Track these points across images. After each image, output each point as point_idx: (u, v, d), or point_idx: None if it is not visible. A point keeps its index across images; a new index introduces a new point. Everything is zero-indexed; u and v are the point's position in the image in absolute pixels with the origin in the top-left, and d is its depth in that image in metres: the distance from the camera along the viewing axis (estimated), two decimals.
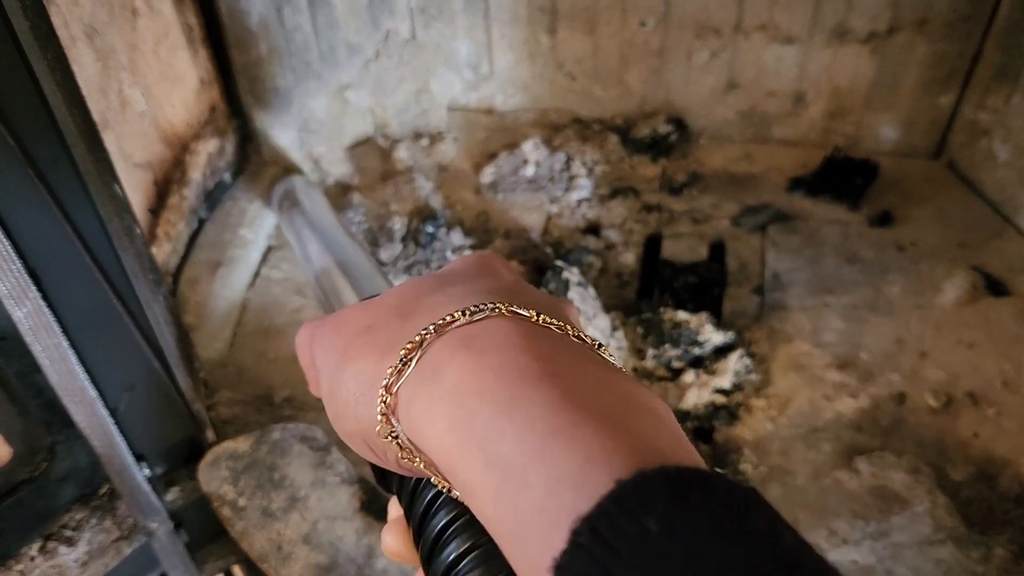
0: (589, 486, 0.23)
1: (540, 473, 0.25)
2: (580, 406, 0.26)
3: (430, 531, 0.35)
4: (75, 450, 0.67)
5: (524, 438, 0.26)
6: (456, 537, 0.33)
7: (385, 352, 0.32)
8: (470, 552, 0.33)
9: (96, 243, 0.55)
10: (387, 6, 1.00)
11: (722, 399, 0.73)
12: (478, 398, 0.27)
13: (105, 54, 0.70)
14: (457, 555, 0.33)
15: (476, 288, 0.33)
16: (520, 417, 0.26)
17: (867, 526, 0.63)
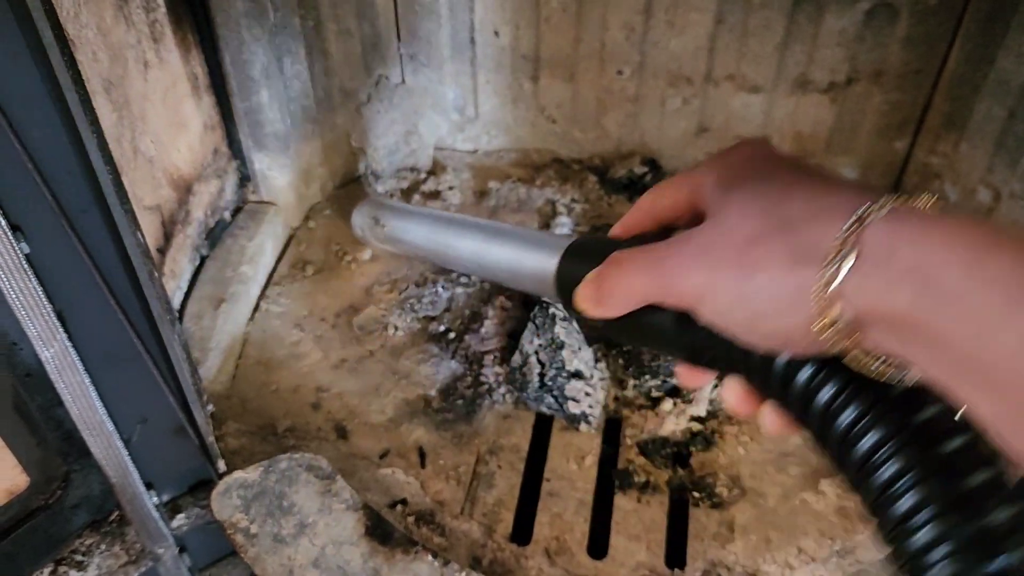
0: None
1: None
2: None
3: (839, 417, 0.37)
4: (88, 478, 0.71)
5: (1004, 290, 0.29)
6: (874, 425, 0.36)
7: (796, 259, 0.35)
8: (889, 440, 0.36)
9: (120, 287, 0.59)
10: (379, 53, 1.06)
11: (698, 426, 0.78)
12: (942, 267, 0.30)
13: (120, 105, 0.74)
14: (877, 441, 0.36)
15: (822, 179, 0.37)
16: (990, 275, 0.29)
17: (834, 544, 0.68)
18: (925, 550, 0.35)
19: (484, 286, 0.94)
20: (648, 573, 0.68)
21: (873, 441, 0.37)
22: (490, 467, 0.77)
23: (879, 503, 0.37)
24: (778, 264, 0.36)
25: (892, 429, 0.37)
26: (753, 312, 0.38)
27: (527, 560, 0.69)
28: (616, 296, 0.46)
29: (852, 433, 0.38)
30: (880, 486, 0.36)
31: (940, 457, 0.36)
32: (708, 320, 0.41)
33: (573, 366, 0.79)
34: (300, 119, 0.98)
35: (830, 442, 0.39)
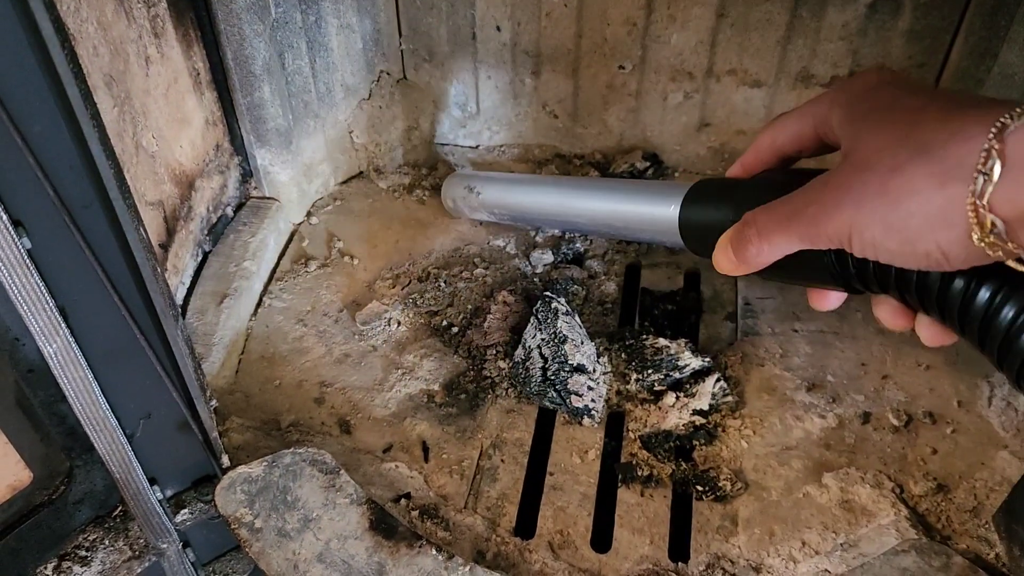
0: None
1: None
2: None
3: (999, 315, 0.40)
4: (92, 474, 0.71)
5: None
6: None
7: (944, 178, 0.37)
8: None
9: (123, 283, 0.59)
10: (380, 49, 1.05)
11: (701, 420, 0.78)
12: None
13: (121, 100, 0.74)
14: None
15: (951, 99, 0.39)
16: None
17: (837, 537, 0.68)
18: None
19: (486, 280, 0.94)
20: (652, 566, 0.68)
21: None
22: (493, 461, 0.77)
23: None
24: (925, 187, 0.38)
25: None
26: (906, 238, 0.39)
27: (531, 554, 0.69)
28: (758, 255, 0.48)
29: (1013, 328, 0.40)
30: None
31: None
32: (861, 253, 0.42)
33: (576, 360, 0.79)
34: (302, 115, 0.98)
35: (991, 341, 0.41)
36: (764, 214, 0.47)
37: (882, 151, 0.40)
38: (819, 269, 0.47)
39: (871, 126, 0.41)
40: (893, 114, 0.41)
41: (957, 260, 0.39)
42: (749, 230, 0.48)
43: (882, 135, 0.40)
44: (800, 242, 0.45)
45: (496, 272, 0.96)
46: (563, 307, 0.82)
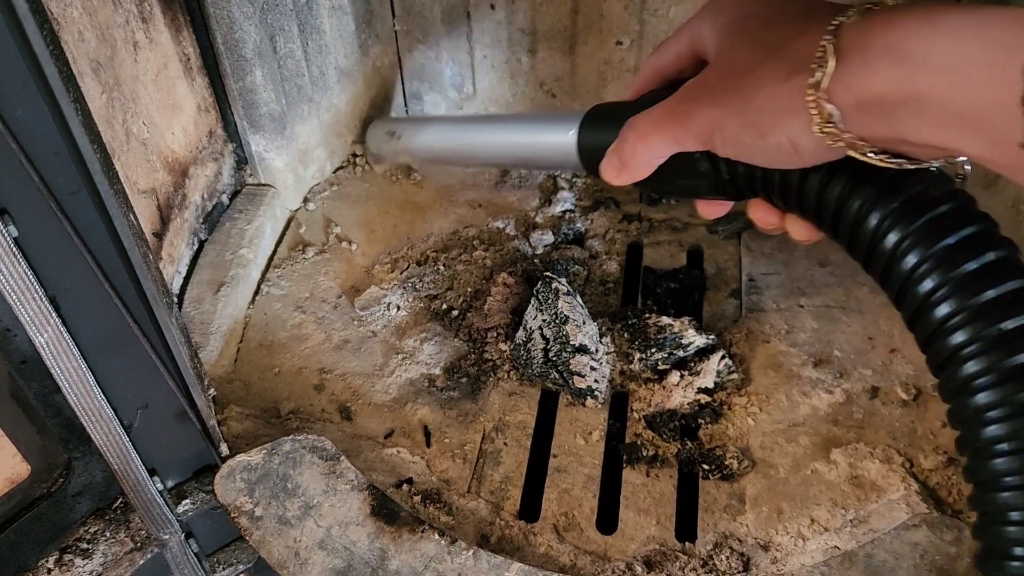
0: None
1: (989, 47, 0.32)
2: (983, 10, 0.33)
3: (847, 205, 0.43)
4: (91, 466, 0.70)
5: (957, 39, 0.33)
6: (876, 206, 0.42)
7: (788, 72, 0.40)
8: (889, 215, 0.42)
9: (114, 270, 0.58)
10: (373, 30, 1.04)
11: (706, 398, 0.77)
12: (907, 39, 0.35)
13: (110, 87, 0.73)
14: (880, 219, 0.42)
15: (804, 3, 0.43)
16: (946, 27, 0.34)
17: (847, 514, 0.67)
18: (915, 280, 0.42)
19: (485, 263, 0.93)
20: (658, 547, 0.67)
21: (877, 220, 0.42)
22: (496, 444, 0.76)
23: (888, 269, 0.42)
24: (773, 81, 0.41)
25: (892, 207, 0.42)
26: (759, 131, 0.43)
27: (536, 537, 0.68)
28: (639, 158, 0.52)
29: (859, 217, 0.43)
30: (886, 254, 0.42)
31: (931, 220, 0.41)
32: (724, 152, 0.46)
33: (578, 341, 0.77)
34: (295, 99, 0.97)
35: (843, 231, 0.44)
36: (642, 117, 0.51)
37: (740, 53, 0.44)
38: (696, 175, 0.50)
39: (733, 32, 0.45)
40: (751, 21, 0.45)
41: (806, 152, 0.42)
42: (629, 133, 0.52)
43: (741, 39, 0.45)
44: (672, 142, 0.49)
45: (496, 254, 0.95)
46: (564, 287, 0.81)
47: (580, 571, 0.65)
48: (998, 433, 0.40)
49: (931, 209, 0.41)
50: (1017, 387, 0.39)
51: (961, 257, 0.40)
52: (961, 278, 0.40)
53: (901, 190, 0.42)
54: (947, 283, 0.40)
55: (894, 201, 0.42)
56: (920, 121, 0.36)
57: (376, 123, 1.03)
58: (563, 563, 0.66)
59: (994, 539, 0.43)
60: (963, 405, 0.42)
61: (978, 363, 0.40)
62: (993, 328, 0.40)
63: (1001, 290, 0.40)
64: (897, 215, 0.42)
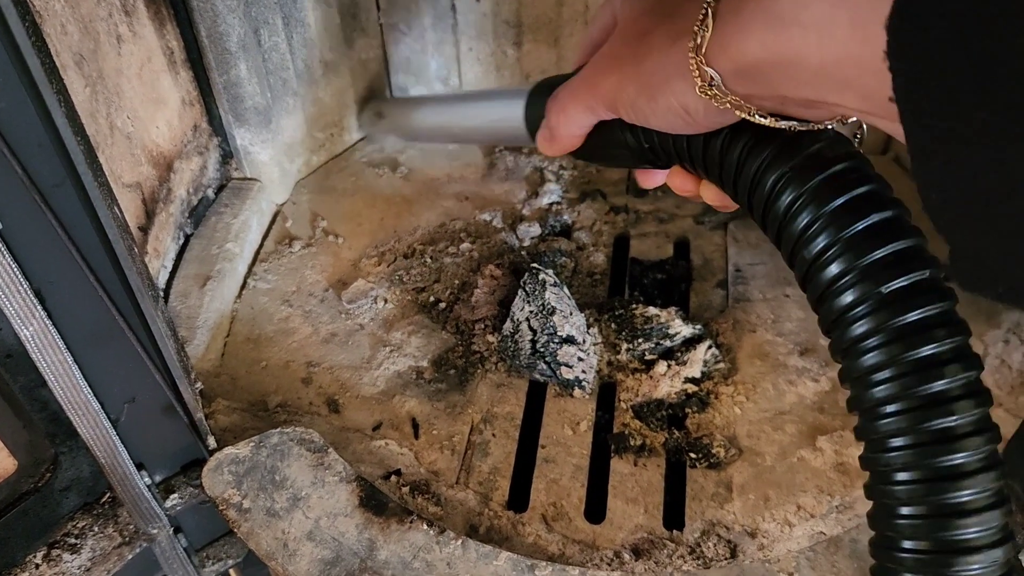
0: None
1: (854, 5, 0.32)
2: None
3: (745, 168, 0.44)
4: (78, 460, 0.70)
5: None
6: (771, 165, 0.43)
7: (676, 36, 0.41)
8: (784, 176, 0.42)
9: (99, 263, 0.58)
10: (358, 23, 1.04)
11: (693, 388, 0.77)
12: (784, 1, 0.35)
13: (93, 80, 0.72)
14: (776, 179, 0.42)
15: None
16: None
17: (832, 500, 0.68)
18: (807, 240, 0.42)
19: (473, 255, 0.93)
20: (646, 535, 0.68)
21: (771, 181, 0.43)
22: (484, 436, 0.76)
23: (782, 229, 0.43)
24: (663, 45, 0.43)
25: (786, 168, 0.42)
26: (651, 94, 0.44)
27: (524, 527, 0.69)
28: (563, 129, 0.54)
29: (756, 177, 0.44)
30: (779, 215, 0.42)
31: (824, 180, 0.41)
32: (628, 117, 0.47)
33: (565, 331, 0.78)
34: (281, 92, 0.97)
35: (743, 196, 0.45)
36: (562, 89, 0.53)
37: (641, 20, 0.45)
38: (619, 144, 0.52)
39: (635, 2, 0.47)
40: (628, 18, 0.46)
41: (698, 115, 0.43)
42: (552, 104, 0.53)
43: (640, 6, 0.46)
44: (587, 111, 0.50)
45: (483, 246, 0.95)
46: (551, 278, 0.81)
47: (568, 560, 0.65)
48: (886, 394, 0.41)
49: (825, 169, 0.41)
50: (904, 347, 0.40)
51: (851, 217, 0.40)
52: (850, 238, 0.40)
53: (796, 151, 0.43)
54: (836, 243, 0.40)
55: (789, 161, 0.43)
56: (796, 82, 0.37)
57: (369, 104, 1.09)
58: (551, 552, 0.66)
59: (882, 498, 0.43)
60: (852, 366, 0.42)
61: (866, 324, 0.40)
62: (881, 288, 0.40)
63: (889, 250, 0.40)
64: (791, 175, 0.42)
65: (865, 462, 0.45)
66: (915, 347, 0.40)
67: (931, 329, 0.40)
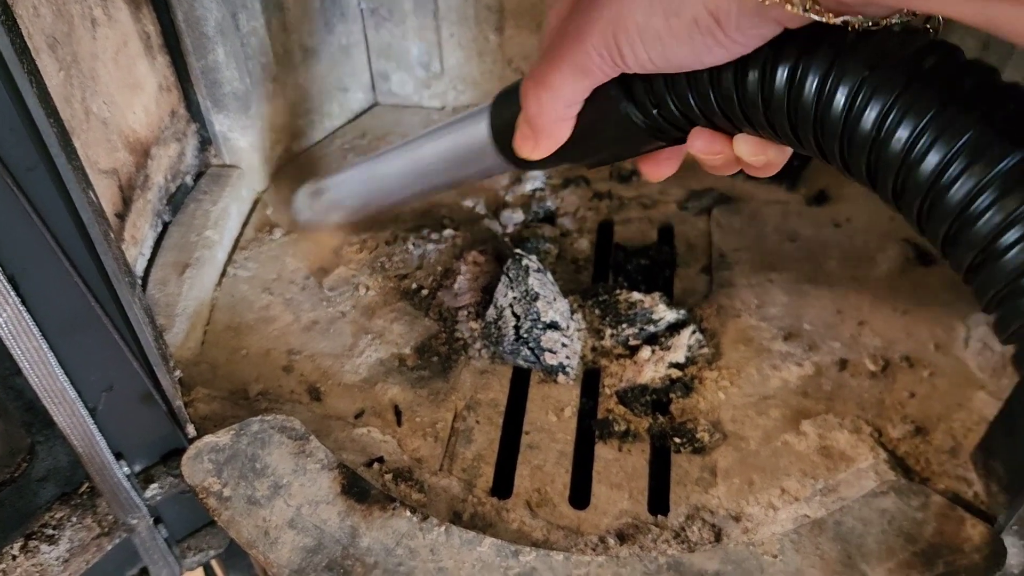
0: None
1: None
2: None
3: (805, 85, 0.34)
4: (55, 450, 0.69)
5: None
6: (846, 70, 0.33)
7: None
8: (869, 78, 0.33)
9: (74, 248, 0.57)
10: (339, 8, 1.03)
11: (677, 373, 0.77)
12: None
13: (68, 64, 0.71)
14: (854, 85, 0.33)
15: None
16: None
17: (816, 483, 0.68)
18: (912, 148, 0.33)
19: (456, 242, 0.92)
20: (631, 520, 0.67)
21: (846, 94, 0.34)
22: (468, 423, 0.76)
23: (876, 151, 0.35)
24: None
25: (863, 74, 0.34)
26: (670, 8, 0.36)
27: (508, 513, 0.68)
28: (547, 113, 0.44)
29: (823, 99, 0.35)
30: (868, 133, 0.34)
31: (920, 72, 0.33)
32: (637, 58, 0.39)
33: (548, 317, 0.77)
34: (260, 78, 0.96)
35: (803, 126, 0.36)
36: (537, 64, 0.44)
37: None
38: (621, 122, 0.43)
39: None
40: None
41: (729, 21, 0.35)
42: (528, 85, 0.45)
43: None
44: (575, 74, 0.42)
45: (466, 232, 0.94)
46: (534, 264, 0.80)
47: (553, 546, 0.65)
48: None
49: (917, 66, 0.33)
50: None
51: (965, 119, 0.32)
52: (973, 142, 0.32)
53: (866, 51, 0.34)
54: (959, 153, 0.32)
55: (862, 65, 0.34)
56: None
57: (299, 188, 0.92)
58: (536, 538, 0.66)
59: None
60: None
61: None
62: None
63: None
64: (874, 81, 0.34)
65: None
66: None
67: None
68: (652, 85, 0.41)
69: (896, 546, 0.59)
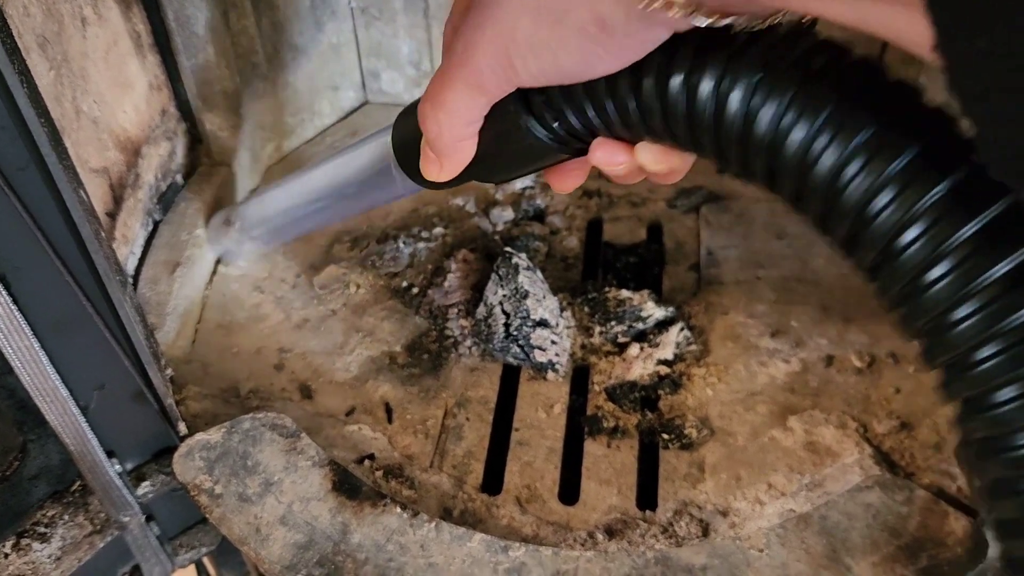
0: None
1: None
2: None
3: (699, 87, 0.34)
4: (47, 448, 0.69)
5: None
6: (738, 71, 0.33)
7: None
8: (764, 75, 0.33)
9: (65, 247, 0.57)
10: (329, 7, 1.03)
11: (665, 369, 0.78)
12: None
13: (58, 63, 0.71)
14: (750, 85, 0.33)
15: None
16: None
17: (802, 478, 0.69)
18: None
19: (446, 240, 0.93)
20: (620, 516, 0.68)
21: (740, 96, 0.34)
22: (458, 420, 0.76)
23: (774, 155, 0.34)
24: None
25: (758, 75, 0.34)
26: (556, 17, 0.35)
27: (498, 509, 0.69)
28: (447, 133, 0.43)
29: (719, 100, 0.34)
30: (764, 139, 0.34)
31: (811, 72, 0.33)
32: (527, 70, 0.38)
33: (538, 315, 0.78)
34: (250, 77, 0.96)
35: (702, 134, 0.36)
36: (432, 84, 0.42)
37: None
38: (521, 134, 0.42)
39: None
40: None
41: (616, 25, 0.34)
42: (425, 107, 0.43)
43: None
44: (471, 89, 0.40)
45: (456, 231, 0.94)
46: (524, 262, 0.81)
47: (542, 541, 0.66)
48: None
49: (807, 66, 0.33)
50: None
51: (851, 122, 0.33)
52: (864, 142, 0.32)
53: (757, 54, 0.34)
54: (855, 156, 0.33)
55: (755, 68, 0.34)
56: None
57: (215, 216, 0.89)
58: (526, 534, 0.67)
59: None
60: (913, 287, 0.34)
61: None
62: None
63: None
64: (768, 83, 0.33)
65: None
66: None
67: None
68: (550, 97, 0.40)
69: (881, 540, 0.60)
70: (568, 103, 0.40)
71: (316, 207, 0.74)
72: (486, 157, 0.45)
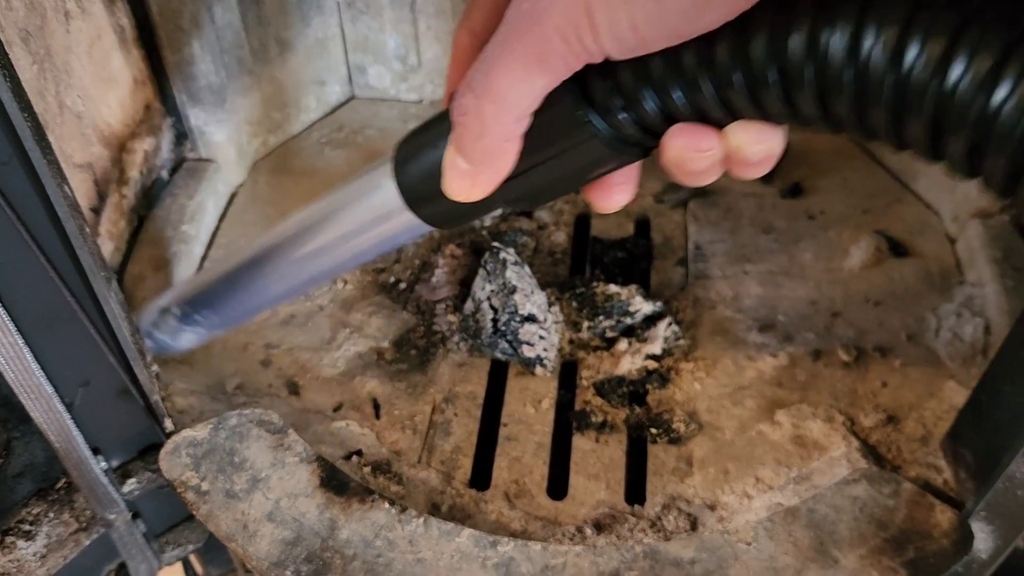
0: None
1: None
2: None
3: (829, 42, 0.29)
4: (32, 445, 0.69)
5: None
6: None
7: None
8: None
9: (49, 243, 0.57)
10: (315, 1, 1.02)
11: (654, 364, 0.78)
12: None
13: (41, 57, 0.70)
14: None
15: None
16: None
17: (790, 472, 0.69)
18: None
19: (434, 235, 0.93)
20: (608, 510, 0.68)
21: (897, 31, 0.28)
22: (446, 415, 0.76)
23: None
24: None
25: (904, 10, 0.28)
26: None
27: (487, 504, 0.69)
28: (493, 132, 0.35)
29: (851, 51, 0.29)
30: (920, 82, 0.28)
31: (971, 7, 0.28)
32: (615, 34, 0.31)
33: (526, 310, 0.78)
34: (236, 71, 0.95)
35: (833, 92, 0.30)
36: (472, 72, 0.34)
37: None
38: (573, 132, 0.35)
39: None
40: None
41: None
42: (464, 101, 0.35)
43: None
44: (528, 70, 0.32)
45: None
46: (511, 257, 0.81)
47: (531, 536, 0.66)
48: None
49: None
50: None
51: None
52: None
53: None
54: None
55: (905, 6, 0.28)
56: None
57: (145, 310, 0.71)
58: (514, 529, 0.67)
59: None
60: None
61: None
62: None
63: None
64: (923, 23, 0.28)
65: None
66: None
67: None
68: (618, 79, 0.33)
69: (868, 532, 0.60)
70: (644, 82, 0.33)
71: (292, 283, 0.62)
72: (523, 171, 0.37)
